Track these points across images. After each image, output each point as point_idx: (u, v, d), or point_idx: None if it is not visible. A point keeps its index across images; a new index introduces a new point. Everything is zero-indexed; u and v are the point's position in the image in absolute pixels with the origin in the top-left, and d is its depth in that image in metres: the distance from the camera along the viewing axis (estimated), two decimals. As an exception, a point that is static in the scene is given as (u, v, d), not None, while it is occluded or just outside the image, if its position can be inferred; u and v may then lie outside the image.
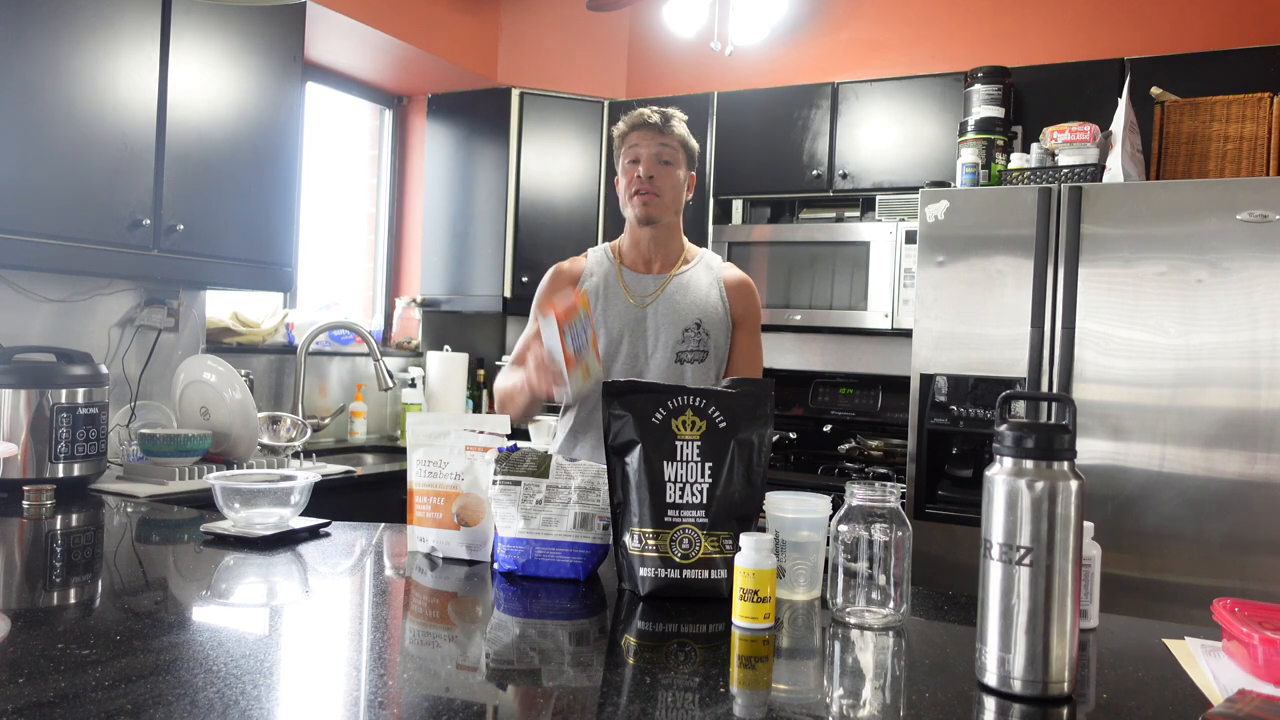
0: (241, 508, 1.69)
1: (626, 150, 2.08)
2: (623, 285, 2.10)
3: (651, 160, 2.04)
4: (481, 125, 3.96)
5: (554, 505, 1.45)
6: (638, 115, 2.07)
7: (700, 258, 2.16)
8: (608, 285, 2.10)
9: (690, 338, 2.06)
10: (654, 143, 2.04)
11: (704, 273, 2.13)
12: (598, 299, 2.09)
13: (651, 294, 2.09)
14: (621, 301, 2.08)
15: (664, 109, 2.09)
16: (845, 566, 1.28)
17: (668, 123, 2.06)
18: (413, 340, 4.04)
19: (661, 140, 2.05)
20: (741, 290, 2.15)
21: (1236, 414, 2.45)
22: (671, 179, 2.06)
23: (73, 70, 2.34)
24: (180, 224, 2.58)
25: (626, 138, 2.08)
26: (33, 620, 1.24)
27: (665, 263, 2.12)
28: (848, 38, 3.74)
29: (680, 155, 2.08)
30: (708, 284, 2.12)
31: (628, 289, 2.09)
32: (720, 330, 2.10)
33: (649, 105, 2.12)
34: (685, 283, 2.10)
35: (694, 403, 1.40)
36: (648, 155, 2.04)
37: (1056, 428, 1.05)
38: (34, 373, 2.23)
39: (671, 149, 2.06)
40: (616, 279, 2.11)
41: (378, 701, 0.98)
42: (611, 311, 2.07)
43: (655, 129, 2.05)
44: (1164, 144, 2.80)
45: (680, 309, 2.07)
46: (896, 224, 3.26)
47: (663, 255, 2.12)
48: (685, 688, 1.04)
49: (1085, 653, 1.21)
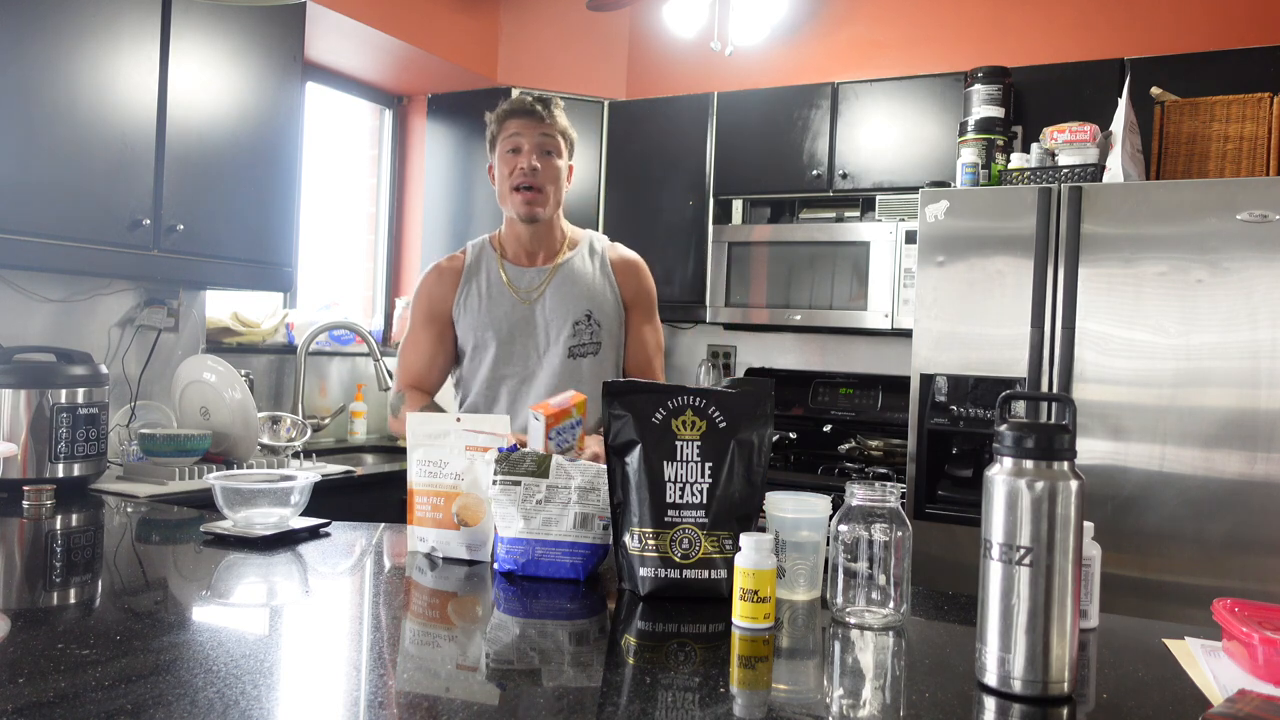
0: (241, 508, 1.69)
1: (505, 139, 1.98)
2: (506, 282, 2.02)
3: (534, 151, 1.96)
4: (481, 125, 3.92)
5: (554, 505, 1.45)
6: (518, 101, 1.98)
7: (584, 242, 2.08)
8: (490, 283, 2.03)
9: (581, 331, 2.00)
10: (535, 132, 1.97)
11: (589, 258, 2.06)
12: (481, 298, 2.02)
13: (537, 289, 2.01)
14: (507, 300, 2.01)
15: (543, 95, 2.00)
16: (845, 566, 1.28)
17: (549, 110, 1.97)
18: (413, 340, 4.03)
19: (543, 129, 1.97)
20: (630, 270, 2.08)
21: (1236, 414, 2.45)
22: (553, 170, 1.99)
23: (73, 70, 2.34)
24: (180, 224, 2.58)
25: (505, 124, 1.98)
26: (33, 620, 1.24)
27: (548, 254, 2.05)
28: (848, 38, 3.74)
29: (562, 144, 2.01)
30: (594, 270, 2.05)
31: (512, 286, 2.02)
32: (613, 318, 2.03)
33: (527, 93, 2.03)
34: (570, 273, 2.03)
35: (694, 403, 1.40)
36: (531, 146, 1.96)
37: (1056, 428, 1.05)
38: (34, 373, 2.23)
39: (552, 139, 1.98)
40: (499, 275, 2.03)
41: (378, 701, 0.98)
42: (498, 311, 2.01)
43: (537, 117, 1.97)
44: (1164, 144, 2.80)
45: (568, 302, 2.01)
46: (896, 224, 3.26)
47: (545, 247, 2.05)
48: (685, 688, 1.04)
49: (1085, 653, 1.21)
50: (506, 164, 1.99)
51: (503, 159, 2.00)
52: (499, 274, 2.03)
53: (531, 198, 1.97)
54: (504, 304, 2.02)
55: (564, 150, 2.02)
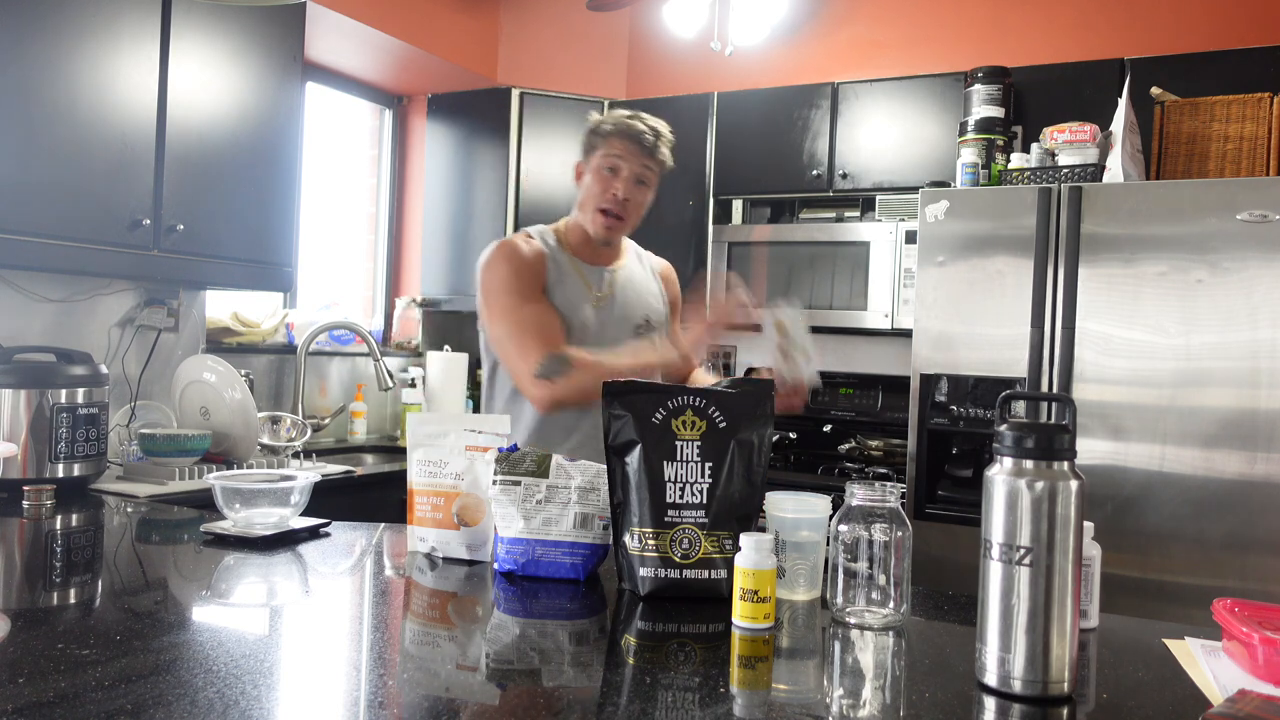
0: (241, 508, 1.69)
1: (606, 155, 1.98)
2: (579, 276, 2.02)
3: (630, 180, 1.97)
4: (481, 125, 3.96)
5: (554, 505, 1.45)
6: (631, 127, 1.97)
7: (629, 247, 2.12)
8: (565, 274, 2.01)
9: (642, 333, 2.05)
10: (638, 162, 1.97)
11: (638, 264, 2.12)
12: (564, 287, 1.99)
13: (605, 290, 2.04)
14: (580, 295, 2.00)
15: (656, 126, 2.00)
16: (845, 566, 1.28)
17: (657, 144, 1.98)
18: (413, 340, 4.04)
19: (646, 161, 1.98)
20: (673, 279, 2.19)
21: (1236, 414, 2.45)
22: (642, 200, 2.01)
23: (73, 70, 2.34)
24: (180, 224, 2.58)
25: (610, 141, 1.98)
26: (33, 620, 1.24)
27: (609, 258, 2.08)
28: (848, 38, 3.74)
29: (656, 178, 2.03)
30: (645, 277, 2.11)
31: (585, 282, 2.02)
32: (662, 322, 2.09)
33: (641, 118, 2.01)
34: (630, 278, 2.08)
35: (694, 403, 1.40)
36: (629, 174, 1.97)
37: (1056, 428, 1.05)
38: (34, 373, 2.23)
39: (652, 171, 2.00)
40: (571, 269, 2.02)
41: (378, 701, 0.98)
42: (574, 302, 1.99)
43: (646, 150, 1.97)
44: (1164, 144, 2.80)
45: (629, 308, 2.05)
46: (896, 224, 3.26)
47: (608, 253, 2.08)
48: (685, 688, 1.04)
49: (1085, 653, 1.21)
50: (600, 181, 1.99)
51: (598, 173, 2.00)
52: (570, 266, 2.02)
53: (613, 224, 2.00)
54: (578, 298, 2.01)
55: (656, 183, 2.04)
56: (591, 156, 2.02)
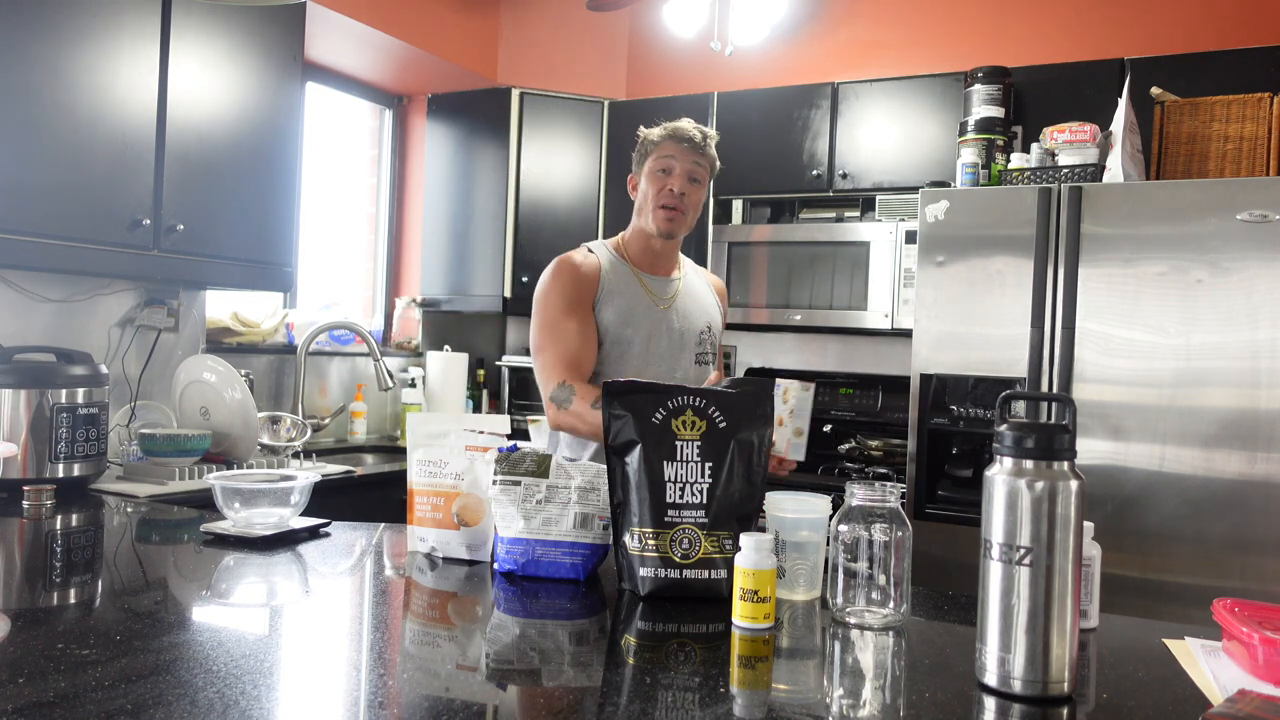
0: (241, 508, 1.69)
1: (659, 158, 2.06)
2: (643, 287, 2.10)
3: (684, 177, 2.05)
4: (481, 125, 3.96)
5: (554, 505, 1.46)
6: (678, 129, 2.06)
7: (684, 261, 2.21)
8: (628, 284, 2.08)
9: (705, 340, 2.14)
10: (689, 159, 2.05)
11: (694, 276, 2.21)
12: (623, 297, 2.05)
13: (668, 298, 2.11)
14: (645, 303, 2.07)
15: (703, 127, 2.09)
16: (845, 566, 1.28)
17: (705, 141, 2.07)
18: (413, 340, 4.04)
19: (696, 158, 2.06)
20: (723, 292, 2.29)
21: (1236, 414, 2.45)
22: (697, 197, 2.09)
23: (73, 70, 2.34)
24: (180, 224, 2.58)
25: (660, 145, 2.06)
26: (33, 620, 1.24)
27: (668, 268, 2.15)
28: (848, 38, 3.74)
29: (708, 175, 2.11)
30: (702, 288, 2.20)
31: (648, 289, 2.10)
32: (719, 333, 2.20)
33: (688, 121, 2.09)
34: (691, 287, 2.17)
35: (694, 403, 1.40)
36: (681, 171, 2.05)
37: (1056, 428, 1.05)
38: (34, 373, 2.23)
39: (703, 168, 2.07)
40: (634, 280, 2.09)
41: (378, 701, 0.98)
42: (638, 312, 2.06)
43: (694, 146, 2.05)
44: (1164, 144, 2.80)
45: (693, 313, 2.13)
46: (896, 224, 3.26)
47: (666, 263, 2.15)
48: (685, 688, 1.04)
49: (1085, 653, 1.21)
50: (655, 182, 2.06)
51: (652, 177, 2.07)
52: (632, 278, 2.10)
53: (673, 216, 2.05)
54: (642, 306, 2.07)
55: (708, 180, 2.12)
56: (644, 164, 2.10)
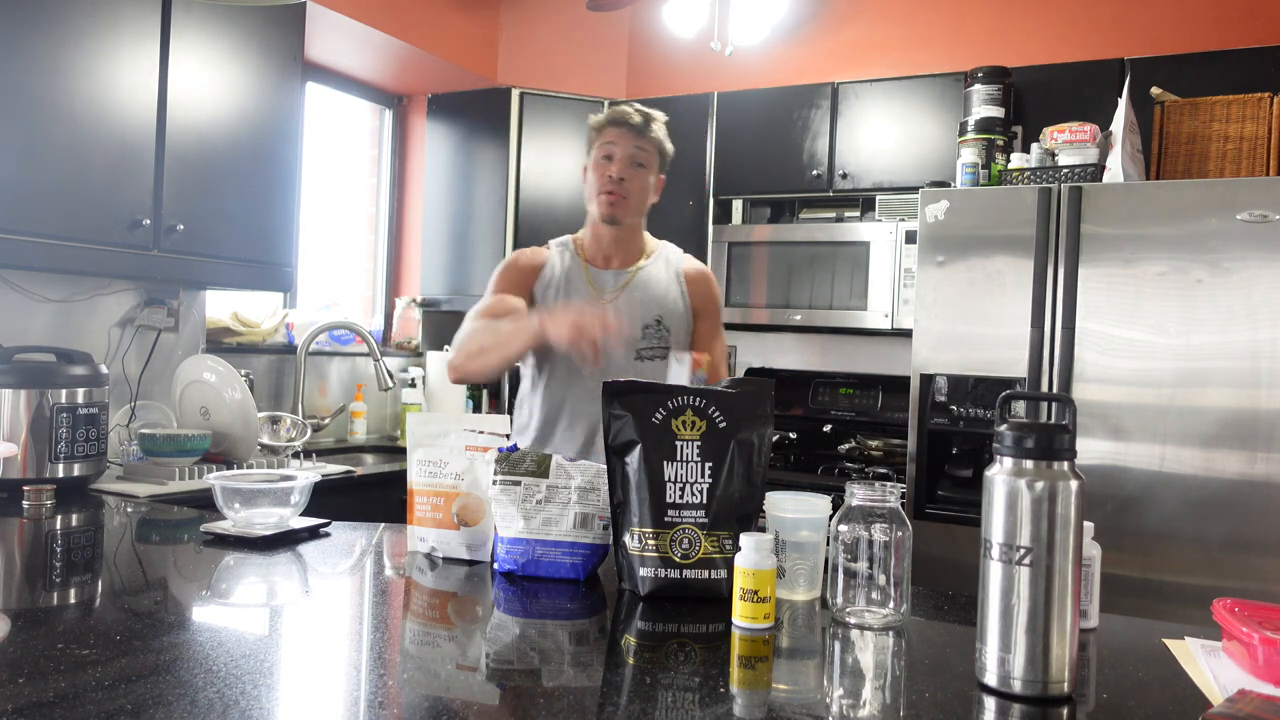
0: (241, 508, 1.69)
1: (601, 145, 2.06)
2: (587, 280, 2.09)
3: (625, 161, 2.04)
4: (481, 125, 3.96)
5: (554, 505, 1.46)
6: (619, 113, 2.06)
7: (659, 251, 2.17)
8: (570, 279, 2.10)
9: (650, 334, 2.07)
10: (630, 143, 2.04)
11: (663, 267, 2.15)
12: (560, 292, 2.08)
13: (612, 290, 2.08)
14: (585, 294, 2.08)
15: (646, 110, 2.08)
16: (845, 566, 1.28)
17: (648, 125, 2.05)
18: (413, 340, 4.04)
19: (638, 142, 2.04)
20: (701, 282, 2.17)
21: (1236, 414, 2.45)
22: (641, 182, 2.06)
23: (73, 70, 2.34)
24: (180, 224, 2.58)
25: (603, 132, 2.06)
26: (33, 620, 1.24)
27: (625, 260, 2.12)
28: (848, 38, 3.74)
29: (654, 159, 2.08)
30: (668, 279, 2.13)
31: (591, 284, 2.09)
32: (681, 326, 2.11)
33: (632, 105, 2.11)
34: (645, 279, 2.11)
35: (694, 403, 1.40)
36: (622, 155, 2.04)
37: (1056, 428, 1.05)
38: (34, 373, 2.23)
39: (647, 152, 2.06)
40: (580, 273, 2.10)
41: (378, 701, 0.98)
42: (574, 304, 2.06)
43: (635, 130, 2.04)
44: (1164, 144, 2.80)
45: (640, 306, 2.08)
46: (896, 224, 3.26)
47: (623, 253, 2.12)
48: (685, 688, 1.04)
49: (1085, 653, 1.21)
50: (598, 169, 2.07)
51: (596, 164, 2.08)
52: (579, 271, 2.10)
53: (613, 200, 2.04)
54: (580, 298, 2.07)
55: (655, 165, 2.09)
56: (591, 152, 2.09)
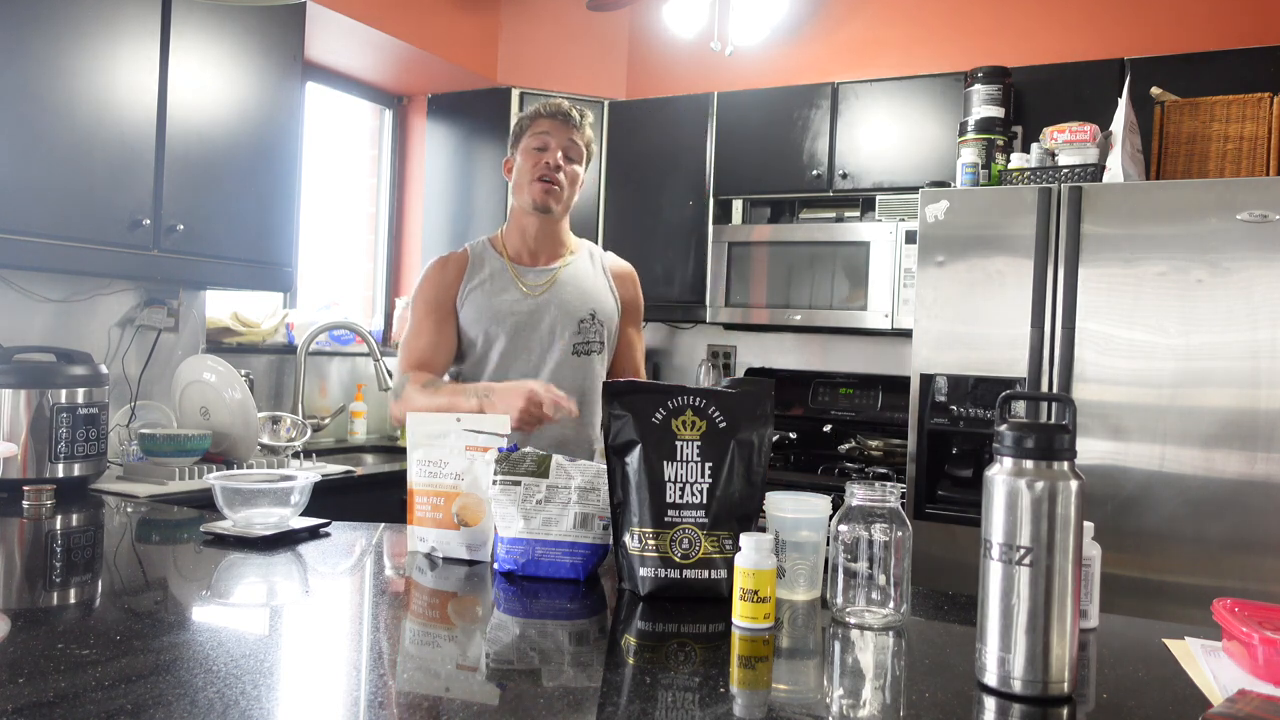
0: (241, 508, 1.69)
1: (533, 135, 2.05)
2: (513, 276, 2.07)
3: (559, 152, 2.04)
4: (481, 125, 3.96)
5: (554, 505, 1.45)
6: (554, 105, 2.06)
7: (584, 249, 2.17)
8: (496, 277, 2.07)
9: (587, 329, 2.06)
10: (564, 135, 2.04)
11: (589, 262, 2.14)
12: (487, 292, 2.05)
13: (542, 285, 2.07)
14: (514, 294, 2.05)
15: (579, 106, 2.09)
16: (845, 566, 1.28)
17: (581, 120, 2.06)
18: (413, 340, 4.03)
19: (571, 135, 2.05)
20: (627, 278, 2.17)
21: (1236, 414, 2.45)
22: (573, 175, 2.07)
23: (73, 70, 2.34)
24: (180, 224, 2.58)
25: (536, 122, 2.06)
26: (33, 620, 1.24)
27: (550, 256, 2.11)
28: (848, 38, 3.74)
29: (584, 154, 2.09)
30: (594, 274, 2.13)
31: (518, 280, 2.07)
32: (612, 321, 2.11)
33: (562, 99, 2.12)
34: (575, 273, 2.10)
35: (694, 403, 1.40)
36: (557, 145, 2.04)
37: (1056, 428, 1.05)
38: (34, 373, 2.23)
39: (578, 146, 2.06)
40: (505, 270, 2.08)
41: (378, 701, 0.98)
42: (504, 305, 2.04)
43: (569, 122, 2.05)
44: (1164, 144, 2.80)
45: (574, 300, 2.07)
46: (896, 224, 3.26)
47: (549, 248, 2.11)
48: (685, 688, 1.04)
49: (1085, 653, 1.21)
50: (530, 158, 2.05)
51: (527, 153, 2.06)
52: (505, 269, 2.08)
53: (549, 189, 2.03)
54: (510, 298, 2.05)
55: (584, 160, 2.10)
56: (519, 142, 2.08)
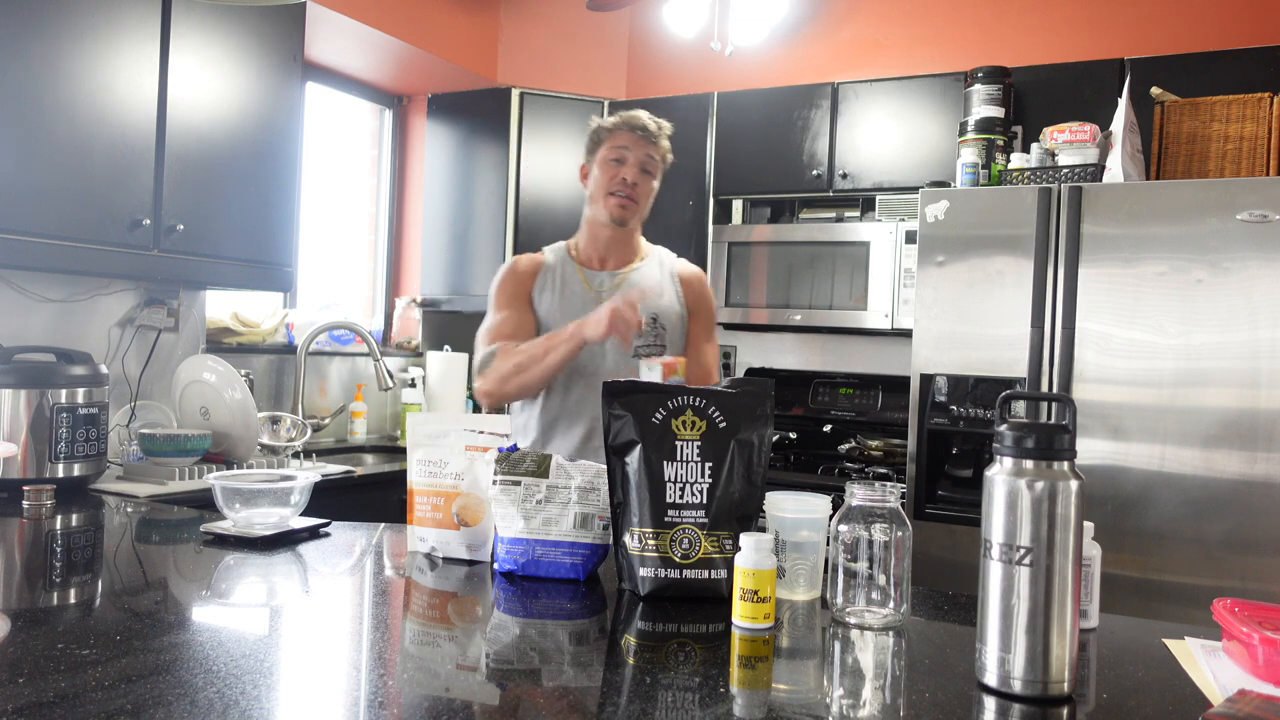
0: (241, 508, 1.69)
1: (611, 148, 2.08)
2: (582, 280, 2.12)
3: (637, 166, 2.06)
4: (481, 125, 3.96)
5: (554, 505, 1.46)
6: (634, 117, 2.08)
7: (653, 254, 2.19)
8: (566, 280, 2.13)
9: (647, 333, 2.09)
10: (642, 150, 2.07)
11: (657, 268, 2.16)
12: (557, 293, 2.11)
13: (608, 289, 2.11)
14: (580, 297, 2.10)
15: (658, 120, 2.10)
16: (845, 566, 1.28)
17: (660, 133, 2.08)
18: (413, 340, 4.04)
19: (649, 150, 2.07)
20: (695, 284, 2.19)
21: (1236, 414, 2.45)
22: (649, 189, 2.10)
23: (73, 70, 2.34)
24: (180, 224, 2.58)
25: (614, 135, 2.08)
26: (33, 620, 1.24)
27: (620, 261, 2.15)
28: (848, 38, 3.74)
29: (660, 168, 2.12)
30: (661, 279, 2.15)
31: (587, 284, 2.11)
32: (676, 326, 2.13)
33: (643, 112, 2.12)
34: (640, 279, 2.13)
35: (694, 403, 1.40)
36: (635, 161, 2.06)
37: (1056, 428, 1.05)
38: (34, 373, 2.23)
39: (655, 161, 2.09)
40: (575, 274, 2.13)
41: (378, 701, 0.98)
42: (571, 307, 2.09)
43: (648, 137, 2.07)
44: (1164, 144, 2.80)
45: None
46: (896, 224, 3.26)
47: (619, 254, 2.15)
48: (685, 688, 1.04)
49: (1085, 653, 1.21)
50: (608, 170, 2.09)
51: (604, 164, 2.09)
52: (575, 273, 2.13)
53: (625, 204, 2.07)
54: (577, 301, 2.10)
55: (660, 173, 2.13)
56: (597, 152, 2.11)
